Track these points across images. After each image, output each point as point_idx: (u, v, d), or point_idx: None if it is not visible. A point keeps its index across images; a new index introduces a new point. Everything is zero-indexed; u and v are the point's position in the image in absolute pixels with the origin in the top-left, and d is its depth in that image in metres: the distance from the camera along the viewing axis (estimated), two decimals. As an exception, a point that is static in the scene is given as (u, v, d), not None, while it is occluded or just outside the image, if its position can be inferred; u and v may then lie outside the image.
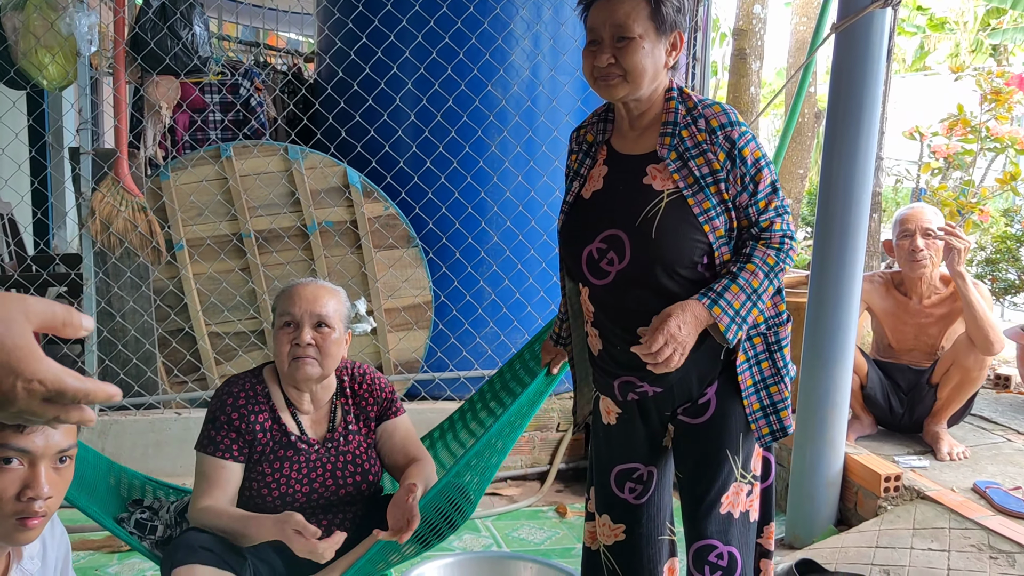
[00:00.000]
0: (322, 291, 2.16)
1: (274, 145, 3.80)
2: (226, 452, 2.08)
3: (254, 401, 2.13)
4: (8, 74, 3.42)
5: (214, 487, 2.06)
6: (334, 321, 2.13)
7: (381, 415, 2.26)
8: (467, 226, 3.90)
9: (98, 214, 3.46)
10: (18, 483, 1.30)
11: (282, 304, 2.15)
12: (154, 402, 3.74)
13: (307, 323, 2.09)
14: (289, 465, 2.11)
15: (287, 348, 2.09)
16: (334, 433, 2.18)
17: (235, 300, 3.83)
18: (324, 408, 2.20)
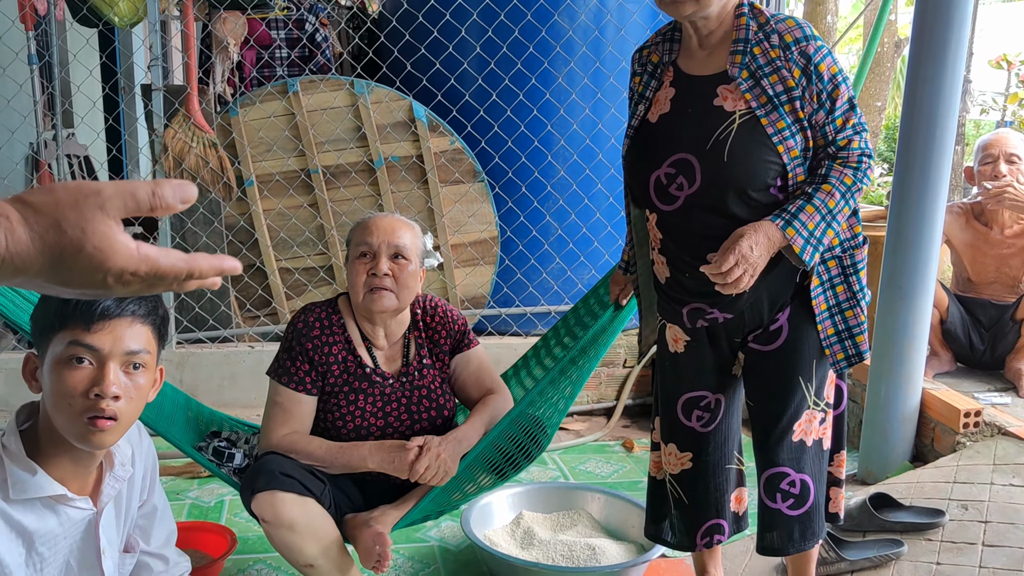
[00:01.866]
0: (399, 223, 2.14)
1: (340, 80, 3.80)
2: (300, 385, 2.08)
3: (329, 332, 2.12)
4: (81, 11, 3.47)
5: (291, 418, 2.07)
6: (411, 253, 2.11)
7: (455, 348, 2.23)
8: (533, 160, 3.86)
9: (170, 150, 3.52)
10: (87, 381, 1.33)
11: (358, 235, 2.12)
12: (228, 336, 3.84)
13: (384, 253, 2.07)
14: (364, 398, 2.11)
15: (363, 278, 2.06)
16: (408, 368, 2.17)
17: (304, 235, 3.88)
18: (398, 342, 2.18)
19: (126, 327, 1.36)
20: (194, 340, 3.81)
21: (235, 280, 3.86)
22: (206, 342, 3.82)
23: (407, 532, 2.76)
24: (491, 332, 4.08)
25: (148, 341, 1.40)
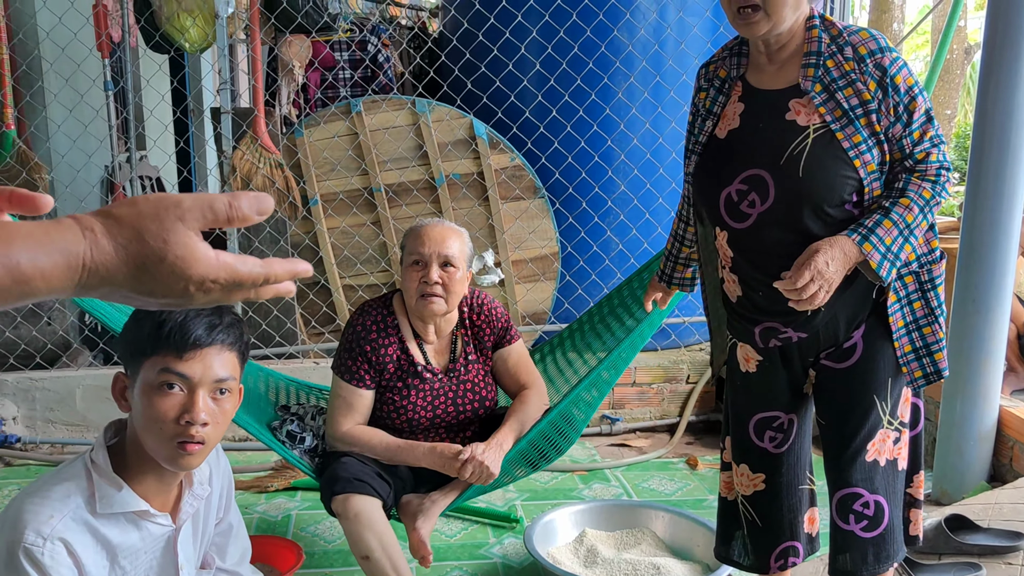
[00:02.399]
0: (448, 232, 2.32)
1: (402, 99, 3.85)
2: (359, 381, 2.29)
3: (384, 332, 2.31)
4: (153, 39, 3.58)
5: (353, 411, 2.30)
6: (459, 261, 2.29)
7: (497, 343, 2.43)
8: (593, 175, 3.86)
9: (238, 171, 3.60)
10: (178, 408, 1.38)
11: (411, 243, 2.31)
12: (294, 352, 3.90)
13: (434, 262, 2.25)
14: (415, 393, 2.32)
15: (415, 285, 2.26)
16: (455, 363, 2.37)
17: (367, 253, 3.93)
18: (446, 339, 2.39)
19: (215, 355, 1.41)
20: (261, 356, 3.88)
21: (300, 297, 3.93)
22: (273, 358, 3.89)
23: (470, 549, 2.77)
24: (552, 348, 4.07)
25: (234, 367, 1.45)
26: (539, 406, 2.38)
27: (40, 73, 3.84)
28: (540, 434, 2.31)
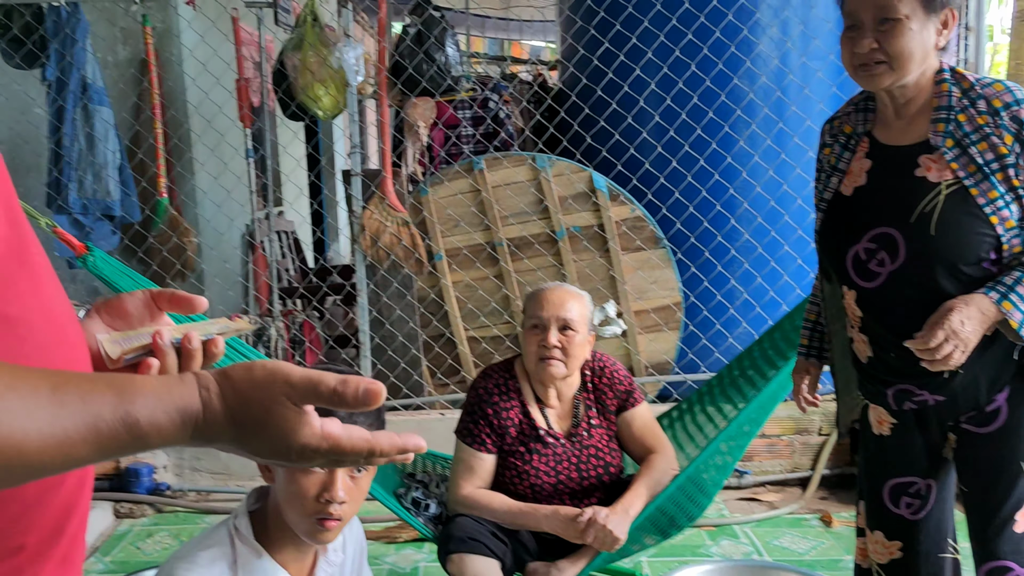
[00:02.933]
0: (567, 295, 2.31)
1: (522, 155, 3.93)
2: (481, 445, 2.28)
3: (506, 396, 2.31)
4: (289, 108, 3.81)
5: (474, 475, 2.28)
6: (579, 324, 2.27)
7: (621, 406, 2.37)
8: (716, 224, 3.82)
9: (367, 230, 3.75)
10: (318, 486, 1.44)
11: (531, 307, 2.32)
12: (420, 403, 4.00)
13: (553, 326, 2.24)
14: (538, 458, 2.28)
15: (535, 349, 2.26)
16: (578, 428, 2.32)
17: (490, 306, 4.00)
18: (568, 403, 2.35)
19: None
20: (389, 408, 3.99)
21: (426, 350, 4.03)
22: (400, 409, 4.00)
23: (600, 605, 2.75)
24: (677, 399, 4.02)
25: None
26: (667, 471, 2.31)
27: (189, 145, 4.14)
28: (669, 499, 2.23)
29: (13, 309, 0.81)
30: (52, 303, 0.87)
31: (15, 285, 0.81)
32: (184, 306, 1.01)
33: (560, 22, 4.35)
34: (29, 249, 0.86)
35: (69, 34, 3.64)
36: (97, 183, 3.72)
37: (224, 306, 4.45)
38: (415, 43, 3.72)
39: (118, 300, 1.02)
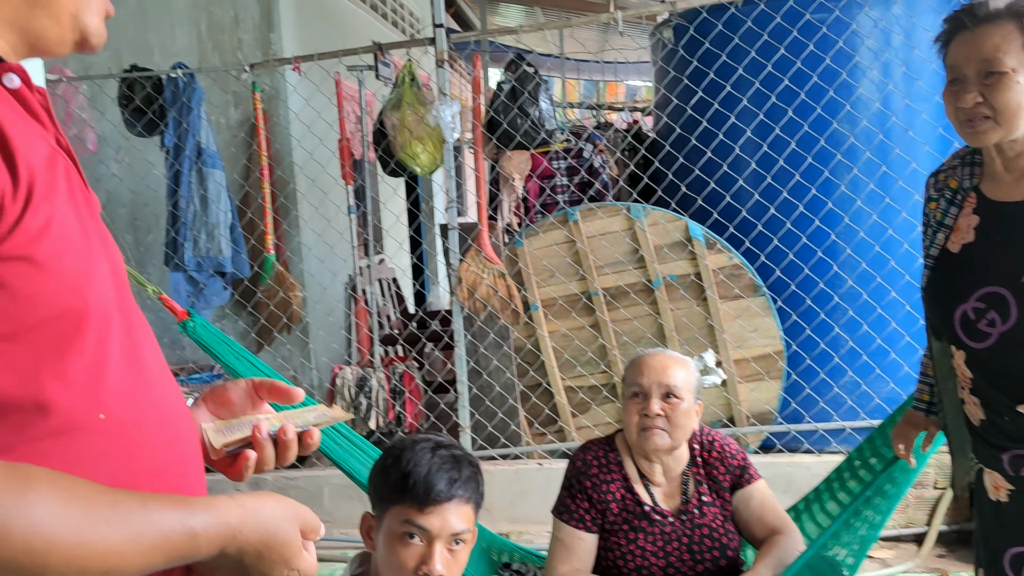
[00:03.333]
0: (670, 361, 2.14)
1: (617, 205, 3.94)
2: (580, 523, 2.12)
3: (607, 471, 2.15)
4: (389, 165, 3.93)
5: (573, 555, 2.11)
6: (683, 391, 2.09)
7: (735, 484, 2.19)
8: (818, 271, 3.73)
9: (464, 282, 3.82)
10: (417, 558, 1.47)
11: (631, 374, 2.16)
12: (518, 453, 4.01)
13: (655, 393, 2.08)
14: (644, 537, 2.11)
15: (636, 418, 2.10)
16: (688, 505, 2.14)
17: (587, 356, 4.00)
18: (676, 479, 2.17)
19: (453, 510, 1.50)
20: (487, 457, 4.02)
21: (524, 400, 4.05)
22: (498, 459, 4.01)
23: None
24: (780, 450, 3.91)
25: (470, 519, 1.54)
26: (793, 551, 2.09)
27: (295, 203, 4.32)
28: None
29: (126, 414, 0.86)
30: (164, 400, 0.93)
31: (127, 390, 0.87)
32: (282, 397, 1.07)
33: (654, 73, 4.37)
34: (141, 347, 0.92)
35: (185, 102, 3.87)
36: (210, 242, 3.91)
37: (328, 357, 4.59)
38: (509, 98, 3.79)
39: (223, 389, 1.08)
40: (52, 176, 0.81)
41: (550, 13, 9.37)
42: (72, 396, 0.81)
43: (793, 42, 3.63)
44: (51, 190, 0.80)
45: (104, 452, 0.83)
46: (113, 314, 0.86)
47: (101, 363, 0.84)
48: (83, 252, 0.83)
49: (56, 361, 0.80)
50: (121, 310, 0.89)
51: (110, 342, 0.85)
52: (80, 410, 0.82)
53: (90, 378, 0.82)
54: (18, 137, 0.77)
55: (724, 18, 3.67)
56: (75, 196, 0.85)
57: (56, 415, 0.79)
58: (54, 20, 0.86)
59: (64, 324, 0.80)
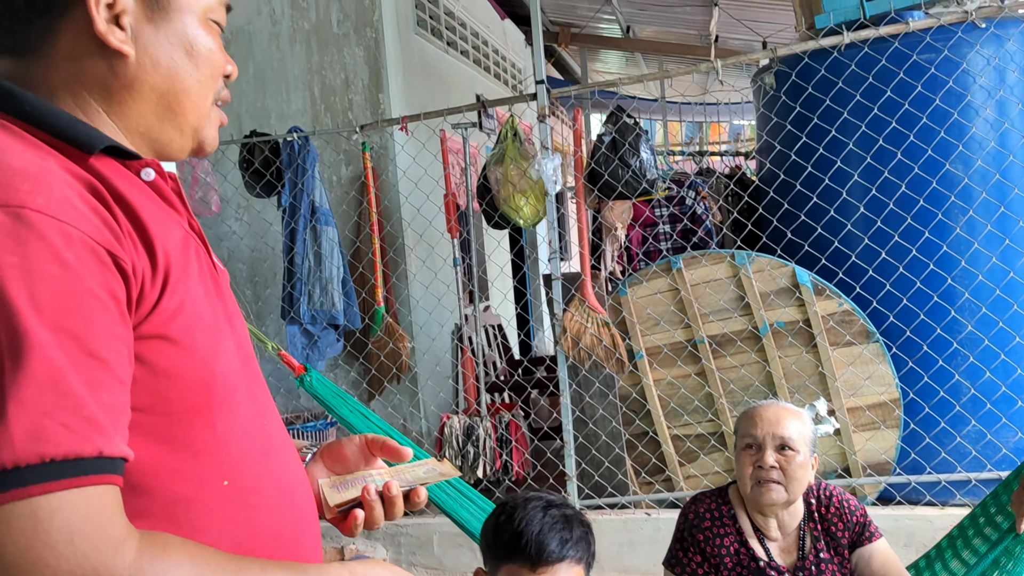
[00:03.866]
0: (784, 412, 2.11)
1: (721, 253, 3.91)
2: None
3: (720, 524, 2.13)
4: (493, 218, 4.03)
5: None
6: (798, 444, 2.05)
7: (854, 542, 2.12)
8: (934, 316, 3.60)
9: (569, 332, 3.85)
10: None
11: (743, 426, 2.13)
12: (625, 503, 3.98)
13: (770, 445, 2.05)
14: None
15: (750, 470, 2.07)
16: (804, 562, 2.09)
17: (693, 404, 3.96)
18: (792, 535, 2.13)
19: (565, 570, 1.53)
20: (594, 507, 4.01)
21: (630, 449, 4.03)
22: (605, 508, 4.00)
23: None
24: (900, 502, 3.76)
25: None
26: None
27: (403, 257, 4.46)
28: None
29: (248, 480, 0.94)
30: (283, 466, 1.01)
31: (250, 457, 0.95)
32: (393, 454, 1.14)
33: (756, 119, 4.34)
34: (263, 415, 1.00)
35: (300, 164, 4.07)
36: (324, 296, 4.08)
37: (436, 406, 4.68)
38: (610, 150, 3.84)
39: (338, 445, 1.16)
40: (185, 259, 0.90)
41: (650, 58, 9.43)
42: (200, 464, 0.88)
43: (900, 84, 3.55)
44: (184, 273, 0.88)
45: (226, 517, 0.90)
46: (238, 385, 0.94)
47: (227, 432, 0.91)
48: (212, 328, 0.90)
49: (188, 431, 0.87)
50: (246, 380, 0.97)
51: (236, 412, 0.92)
52: (207, 477, 0.89)
53: (217, 447, 0.90)
54: (155, 225, 0.86)
55: (827, 62, 3.63)
56: (204, 275, 0.93)
57: (185, 482, 0.87)
58: (179, 132, 0.97)
59: (194, 396, 0.87)
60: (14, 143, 0.82)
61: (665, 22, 8.52)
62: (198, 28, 0.95)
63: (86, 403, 0.73)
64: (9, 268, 0.73)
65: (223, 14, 0.99)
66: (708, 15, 7.42)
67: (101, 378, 0.75)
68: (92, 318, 0.76)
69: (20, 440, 0.69)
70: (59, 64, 0.89)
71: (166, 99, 0.94)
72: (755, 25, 7.58)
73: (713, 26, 7.39)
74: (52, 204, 0.76)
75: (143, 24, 0.91)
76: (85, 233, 0.77)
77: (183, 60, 0.94)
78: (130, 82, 0.91)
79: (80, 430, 0.72)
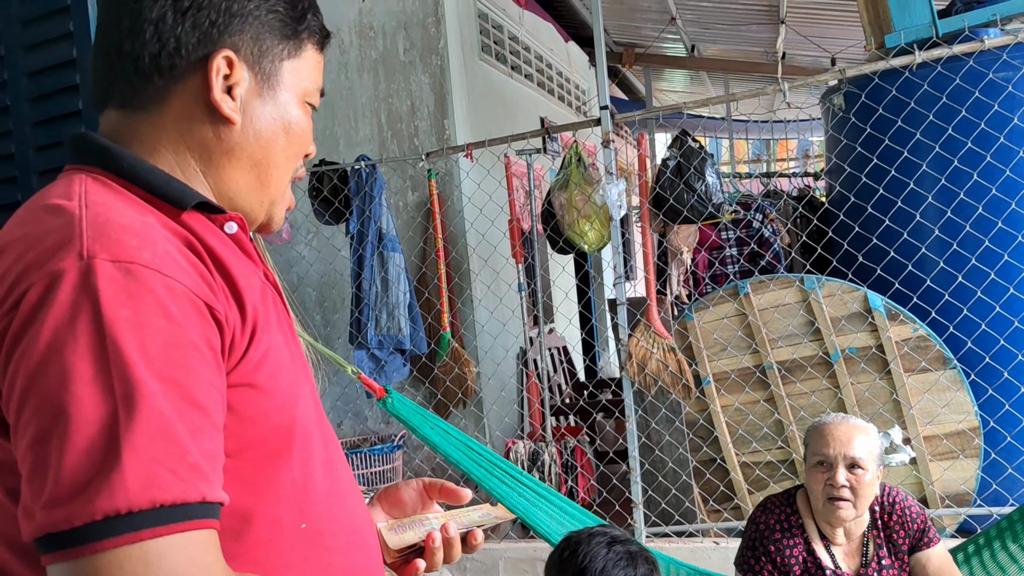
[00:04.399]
0: (854, 430, 2.20)
1: (789, 277, 3.85)
2: None
3: (788, 532, 2.24)
4: (558, 244, 4.03)
5: None
6: (867, 462, 2.16)
7: (914, 546, 2.22)
8: (1015, 342, 3.47)
9: (634, 357, 3.82)
10: None
11: (814, 442, 2.24)
12: (693, 531, 3.92)
13: (840, 464, 2.15)
14: None
15: (820, 487, 2.17)
16: (867, 568, 2.20)
17: (762, 431, 3.89)
18: (856, 541, 2.23)
19: None
20: (661, 535, 3.95)
21: (698, 476, 3.97)
22: (672, 536, 3.94)
23: None
24: (981, 534, 3.62)
25: None
26: None
27: (468, 282, 4.50)
28: None
29: (323, 523, 0.97)
30: (354, 510, 1.03)
31: (325, 500, 0.98)
32: (451, 497, 1.17)
33: (825, 140, 4.26)
34: (335, 459, 1.03)
35: (368, 191, 4.14)
36: (391, 321, 4.13)
37: (501, 431, 4.69)
38: (675, 174, 3.81)
39: (395, 489, 1.19)
40: (266, 309, 0.93)
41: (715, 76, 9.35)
42: (282, 507, 0.91)
43: (975, 103, 3.45)
44: (267, 323, 0.91)
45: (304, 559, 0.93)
46: (314, 431, 0.97)
47: (306, 476, 0.94)
48: (292, 375, 0.94)
49: (271, 476, 0.90)
50: (319, 425, 1.00)
51: (313, 456, 0.95)
52: (287, 520, 0.91)
53: (296, 490, 0.92)
54: (242, 277, 0.89)
55: (898, 82, 3.55)
56: (282, 324, 0.97)
57: (269, 525, 0.89)
58: (258, 203, 1.01)
59: (277, 441, 0.90)
60: (116, 200, 0.86)
61: (731, 40, 8.45)
62: (297, 108, 1.00)
63: (191, 450, 0.77)
64: (123, 321, 0.77)
65: (318, 99, 1.04)
66: (775, 32, 7.33)
67: (202, 425, 0.79)
68: (194, 368, 0.79)
69: (134, 485, 0.73)
70: (167, 123, 0.94)
71: (257, 169, 0.98)
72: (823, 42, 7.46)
73: (780, 44, 7.30)
74: (157, 259, 0.80)
75: (252, 97, 0.96)
76: (186, 286, 0.81)
77: (280, 135, 0.99)
78: (231, 148, 0.96)
79: (186, 476, 0.76)
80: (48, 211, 0.84)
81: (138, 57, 0.93)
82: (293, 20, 0.99)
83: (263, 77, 0.96)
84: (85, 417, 0.73)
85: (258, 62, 0.96)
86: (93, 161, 0.92)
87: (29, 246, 0.81)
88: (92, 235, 0.80)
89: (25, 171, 2.56)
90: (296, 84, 0.99)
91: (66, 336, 0.75)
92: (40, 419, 0.74)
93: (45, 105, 2.51)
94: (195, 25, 0.92)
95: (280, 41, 0.97)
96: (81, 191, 0.86)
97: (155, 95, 0.94)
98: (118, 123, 0.95)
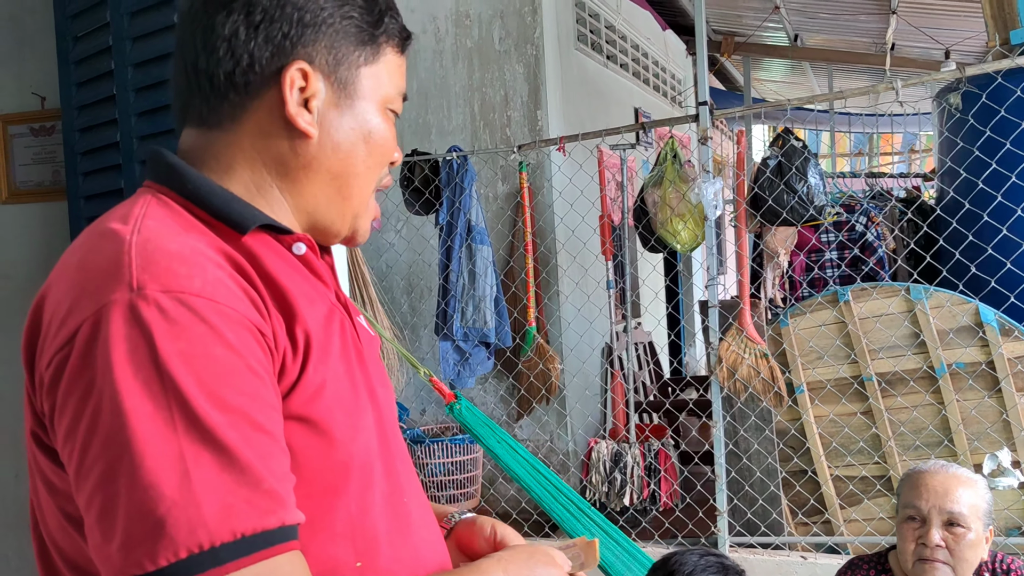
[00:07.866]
0: (954, 482, 1.92)
1: (894, 286, 3.66)
2: None
3: None
4: (649, 242, 3.93)
5: None
6: (969, 519, 1.88)
7: None
8: None
9: (724, 362, 3.70)
10: None
11: (906, 493, 1.98)
12: (779, 544, 3.79)
13: (935, 520, 1.89)
14: None
15: (912, 546, 1.92)
16: None
17: (858, 445, 3.73)
18: None
19: None
20: (746, 545, 3.84)
21: (787, 488, 3.84)
22: (757, 547, 3.82)
23: None
24: (1094, 568, 3.40)
25: None
26: None
27: (556, 278, 4.44)
28: None
29: (381, 562, 0.93)
30: (419, 547, 0.98)
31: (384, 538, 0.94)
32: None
33: (938, 142, 4.04)
34: (402, 492, 0.98)
35: (458, 183, 4.12)
36: (476, 313, 4.11)
37: (584, 429, 4.63)
38: (775, 174, 3.67)
39: (470, 534, 1.13)
40: (328, 334, 0.90)
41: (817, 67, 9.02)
42: (336, 545, 0.88)
43: (1111, 106, 3.21)
44: (326, 351, 0.89)
45: None
46: (375, 463, 0.93)
47: (362, 513, 0.90)
48: (351, 408, 0.90)
49: (325, 512, 0.87)
50: (383, 457, 0.96)
51: (372, 492, 0.92)
52: (342, 558, 0.88)
53: (351, 528, 0.89)
54: (301, 300, 0.87)
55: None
56: (347, 349, 0.93)
57: (323, 562, 0.86)
58: (340, 216, 0.98)
59: (331, 478, 0.87)
60: (171, 224, 0.85)
61: (836, 30, 8.12)
62: (377, 116, 0.97)
63: (263, 477, 0.76)
64: (178, 355, 0.76)
65: (400, 104, 1.00)
66: (884, 23, 7.00)
67: (270, 449, 0.78)
68: (255, 393, 0.79)
69: (212, 519, 0.73)
70: (243, 139, 0.92)
71: (337, 182, 0.96)
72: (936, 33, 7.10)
73: (890, 35, 6.97)
74: (209, 287, 0.79)
75: (329, 108, 0.93)
76: (238, 311, 0.80)
77: (360, 146, 0.96)
78: (308, 162, 0.93)
79: (262, 504, 0.75)
80: (103, 236, 0.84)
81: (213, 74, 0.91)
82: (369, 25, 0.95)
83: (340, 87, 0.93)
84: (152, 455, 0.73)
85: (334, 71, 0.92)
86: (163, 180, 0.91)
87: (82, 273, 0.81)
88: (140, 264, 0.79)
89: (129, 160, 2.61)
90: (375, 91, 0.96)
91: (122, 374, 0.74)
92: (106, 459, 0.74)
93: (149, 95, 2.54)
94: (268, 39, 0.90)
95: (356, 48, 0.94)
96: (140, 214, 0.85)
97: (231, 112, 0.92)
98: (195, 141, 0.94)
